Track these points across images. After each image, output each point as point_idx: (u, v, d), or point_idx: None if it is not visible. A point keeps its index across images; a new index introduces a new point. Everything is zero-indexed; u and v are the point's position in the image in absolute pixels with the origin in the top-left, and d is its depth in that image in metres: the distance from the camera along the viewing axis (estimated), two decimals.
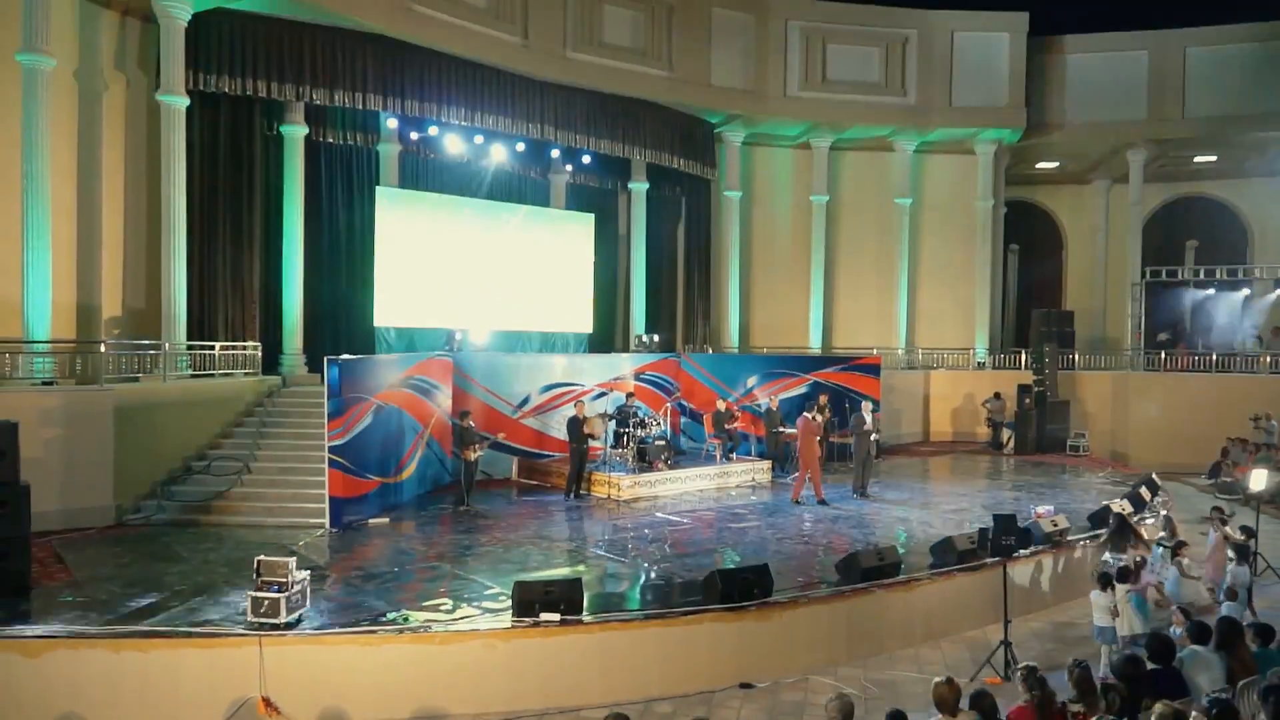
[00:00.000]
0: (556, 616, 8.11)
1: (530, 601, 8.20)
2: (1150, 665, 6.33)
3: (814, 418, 14.67)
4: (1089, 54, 23.51)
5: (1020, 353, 23.67)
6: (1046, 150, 25.27)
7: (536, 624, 8.02)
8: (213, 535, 11.50)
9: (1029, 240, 28.79)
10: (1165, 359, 22.81)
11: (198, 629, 7.81)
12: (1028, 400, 20.93)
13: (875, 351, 21.28)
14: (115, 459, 12.15)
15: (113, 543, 11.11)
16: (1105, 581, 8.84)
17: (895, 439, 21.95)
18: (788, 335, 23.69)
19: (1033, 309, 24.63)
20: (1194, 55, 23.07)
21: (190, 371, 14.42)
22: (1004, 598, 8.98)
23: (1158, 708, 5.18)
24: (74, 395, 11.99)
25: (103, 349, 12.68)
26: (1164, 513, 13.15)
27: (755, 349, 23.14)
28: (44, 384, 12.17)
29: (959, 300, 24.35)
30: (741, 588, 8.80)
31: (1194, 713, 5.23)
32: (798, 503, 14.29)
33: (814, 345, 23.44)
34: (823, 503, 14.23)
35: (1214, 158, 25.24)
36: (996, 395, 21.72)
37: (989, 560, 9.97)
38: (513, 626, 8.02)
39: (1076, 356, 23.53)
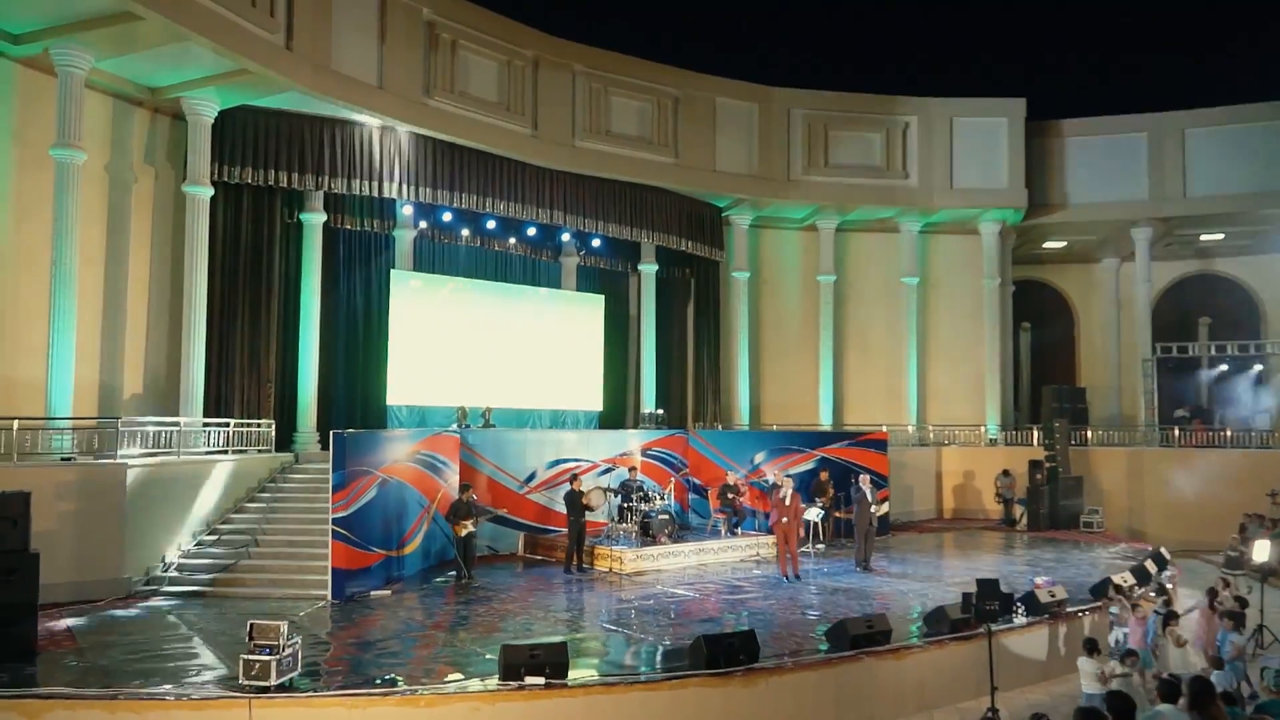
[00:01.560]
0: (541, 680, 8.23)
1: (516, 665, 8.33)
2: None
3: (783, 496, 14.46)
4: (1088, 136, 24.09)
5: (1033, 430, 23.65)
6: (1052, 230, 25.67)
7: (521, 687, 8.14)
8: (217, 606, 11.72)
9: (1041, 319, 29.02)
10: (1181, 435, 22.71)
11: (190, 691, 8.00)
12: (1039, 476, 20.85)
13: (885, 429, 21.37)
14: (127, 532, 12.48)
15: (120, 614, 11.35)
16: (1091, 648, 8.83)
17: (907, 516, 21.88)
18: (799, 413, 23.86)
19: (1046, 387, 24.77)
20: (1194, 136, 23.55)
21: (205, 448, 14.83)
22: (989, 664, 8.97)
23: None
24: (89, 470, 12.40)
25: (120, 425, 13.13)
26: (1166, 585, 13.04)
27: (766, 427, 23.30)
28: (63, 460, 12.61)
29: (969, 378, 24.48)
30: (727, 653, 8.88)
31: None
32: (797, 578, 14.21)
33: (825, 422, 23.58)
34: (795, 578, 14.06)
35: (1221, 236, 25.51)
36: (1005, 472, 21.66)
37: (981, 630, 9.95)
38: (498, 689, 8.14)
39: (1090, 433, 23.48)
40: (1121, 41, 30.37)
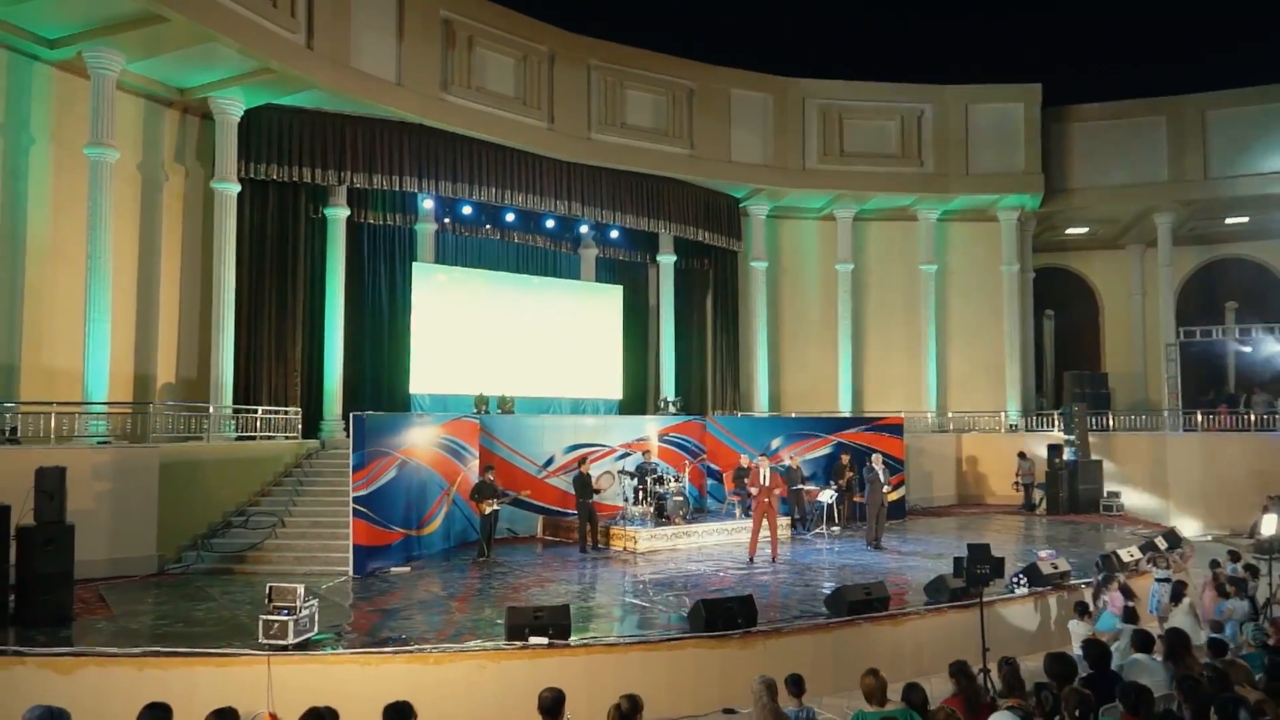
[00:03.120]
0: (544, 640, 8.61)
1: (521, 626, 8.72)
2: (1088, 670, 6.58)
3: (761, 477, 14.42)
4: (1106, 121, 24.04)
5: (1054, 415, 23.65)
6: (1073, 216, 25.62)
7: (525, 647, 8.52)
8: (244, 581, 12.24)
9: (1065, 305, 28.89)
10: (1204, 419, 22.60)
11: (213, 650, 8.48)
12: (1057, 460, 20.89)
13: (903, 414, 21.51)
14: (160, 512, 13.05)
15: (152, 587, 11.92)
16: (1082, 611, 9.03)
17: (926, 502, 22.02)
18: (819, 401, 24.05)
19: (1067, 372, 24.77)
20: (1214, 118, 23.41)
21: (235, 434, 15.41)
22: (980, 625, 9.19)
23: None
24: (124, 452, 12.99)
25: (152, 409, 13.71)
26: (1175, 559, 13.13)
27: (786, 414, 23.52)
28: (100, 443, 13.22)
29: (989, 364, 24.52)
30: (725, 616, 9.20)
31: None
32: (751, 561, 14.13)
33: (844, 410, 23.74)
34: (753, 561, 14.06)
35: (1245, 219, 25.29)
36: (1023, 456, 21.71)
37: (983, 600, 10.15)
38: (503, 648, 8.53)
39: (1111, 417, 23.44)
40: (1137, 25, 30.11)
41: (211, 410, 14.97)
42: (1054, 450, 21.08)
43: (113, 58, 13.87)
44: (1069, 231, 26.99)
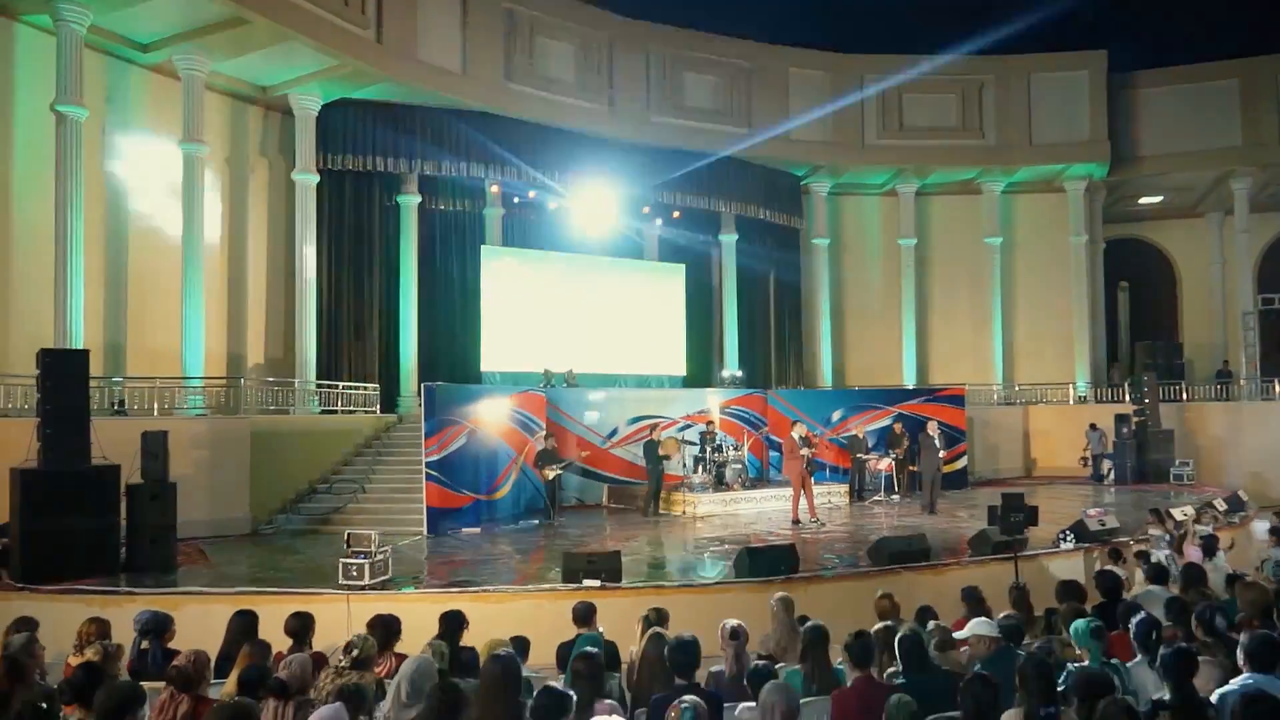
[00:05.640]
0: (597, 582, 9.26)
1: (575, 570, 9.40)
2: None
3: (797, 438, 14.85)
4: (1176, 85, 23.54)
5: (1125, 387, 23.34)
6: (1145, 185, 25.16)
7: (578, 588, 9.18)
8: (328, 539, 13.21)
9: (1141, 276, 28.32)
10: None
11: (299, 590, 9.37)
12: (1125, 430, 20.70)
13: (966, 387, 21.56)
14: (252, 479, 14.16)
15: (247, 544, 13.01)
16: (1116, 556, 9.28)
17: (993, 473, 22.03)
18: (883, 376, 24.18)
19: (1139, 343, 24.40)
20: None
21: (319, 409, 16.48)
22: (1014, 566, 9.52)
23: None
24: (219, 422, 14.13)
25: (244, 383, 14.83)
26: (1231, 521, 13.11)
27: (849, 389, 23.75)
28: (197, 415, 14.38)
29: (1057, 336, 24.30)
30: (769, 563, 9.72)
31: None
32: (796, 522, 14.46)
33: (909, 384, 23.84)
34: (803, 522, 14.36)
35: None
36: (1093, 426, 21.54)
37: (1017, 547, 10.44)
38: (558, 589, 9.21)
39: (1185, 387, 23.05)
40: None
41: (297, 385, 16.06)
42: (1122, 420, 20.89)
43: (201, 59, 14.97)
44: (1142, 201, 26.48)
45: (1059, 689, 4.34)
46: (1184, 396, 22.83)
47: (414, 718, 4.19)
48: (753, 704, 4.45)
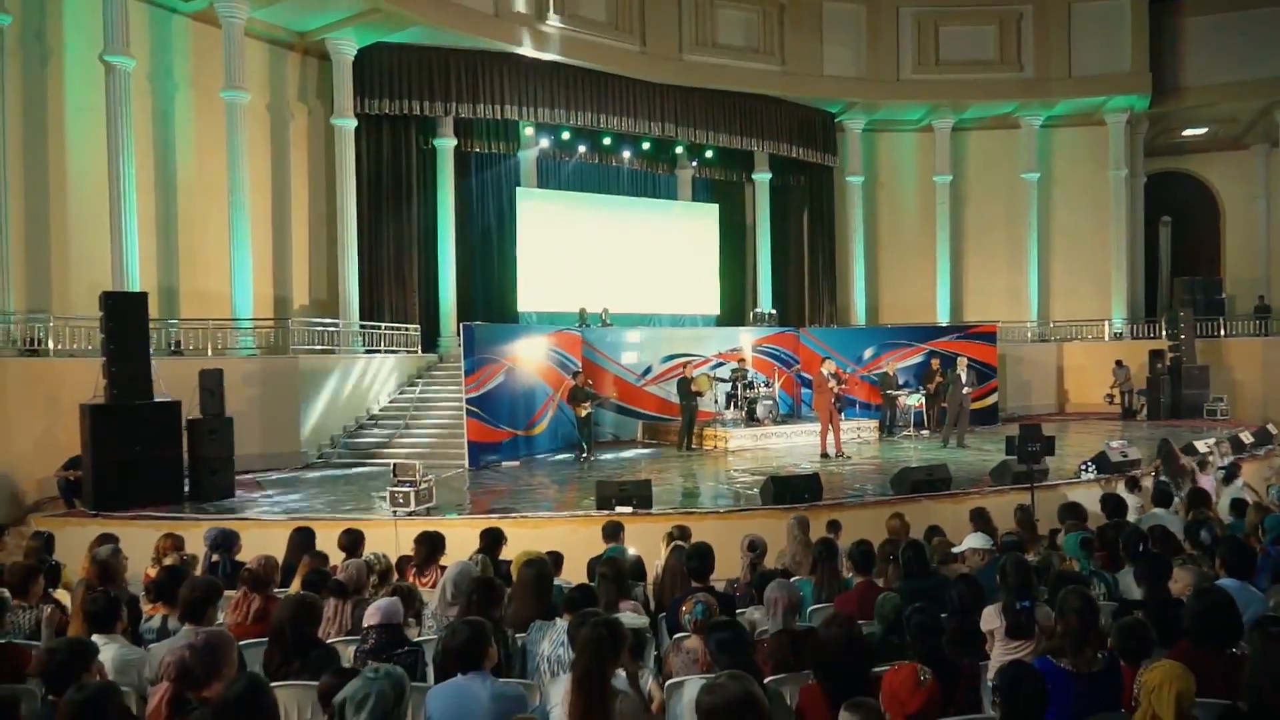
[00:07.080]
0: (629, 509, 9.77)
1: (608, 497, 9.92)
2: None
3: (826, 374, 15.13)
4: (1221, 13, 22.92)
5: (1161, 323, 23.22)
6: (1189, 117, 24.68)
7: (611, 514, 9.69)
8: (375, 470, 13.88)
9: (1183, 211, 27.86)
10: None
11: (351, 516, 10.00)
12: (1159, 365, 20.70)
13: (999, 324, 21.63)
14: (302, 414, 14.83)
15: (300, 475, 13.70)
16: (1133, 485, 9.57)
17: (1025, 410, 22.16)
18: (917, 313, 24.25)
19: (1178, 278, 24.16)
20: None
21: (363, 348, 17.08)
22: (1030, 493, 9.85)
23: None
24: (270, 361, 14.79)
25: (291, 324, 15.45)
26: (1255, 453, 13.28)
27: (881, 326, 23.91)
28: (248, 354, 15.04)
29: (1094, 273, 24.14)
30: (793, 491, 10.15)
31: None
32: (824, 455, 14.81)
33: (942, 322, 23.93)
34: (830, 455, 14.70)
35: None
36: (1120, 363, 21.54)
37: (1033, 475, 10.73)
38: (592, 514, 9.73)
39: (1224, 323, 22.89)
40: None
41: (341, 326, 16.65)
42: (1155, 356, 20.87)
43: (239, 6, 15.28)
44: (1186, 133, 25.96)
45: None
46: (1221, 333, 22.69)
47: (457, 612, 4.70)
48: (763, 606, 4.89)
